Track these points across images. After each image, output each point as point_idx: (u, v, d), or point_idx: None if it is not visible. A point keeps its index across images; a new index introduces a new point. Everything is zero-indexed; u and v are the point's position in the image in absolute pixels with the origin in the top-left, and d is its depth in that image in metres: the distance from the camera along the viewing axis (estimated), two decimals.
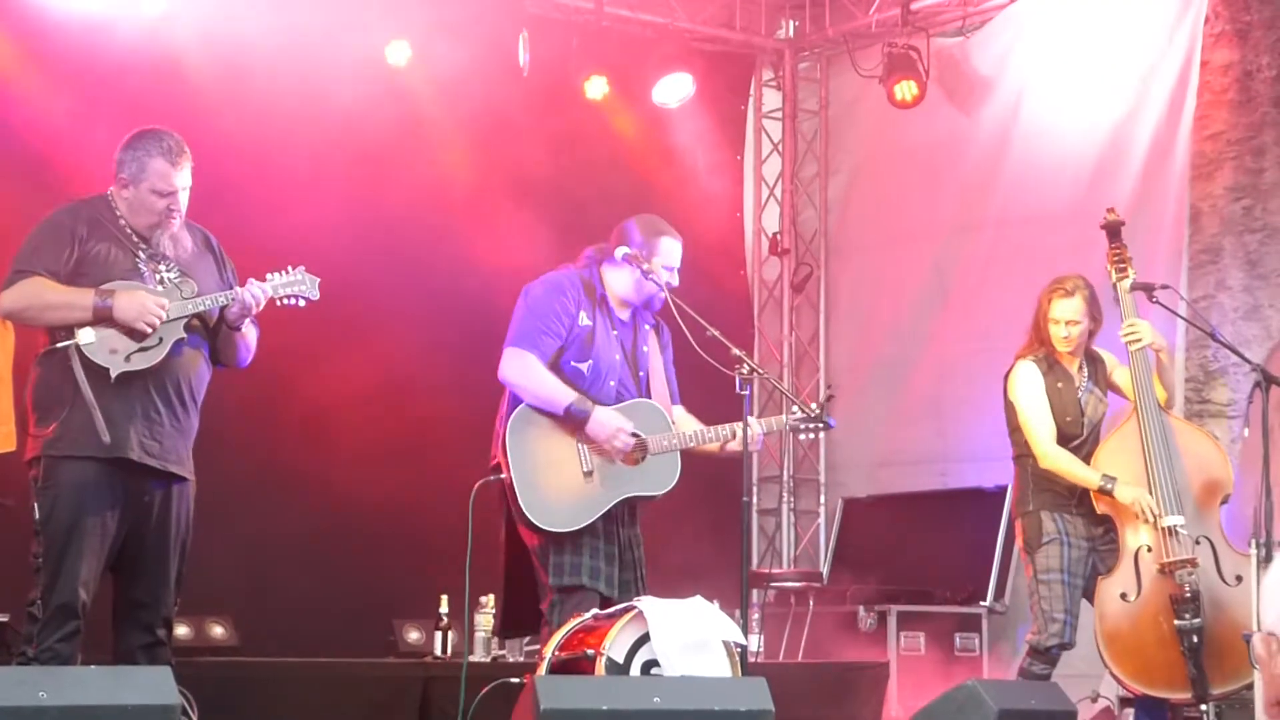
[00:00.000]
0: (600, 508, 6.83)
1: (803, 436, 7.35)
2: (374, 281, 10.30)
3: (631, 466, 6.89)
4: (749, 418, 6.79)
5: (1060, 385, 7.76)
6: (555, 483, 6.81)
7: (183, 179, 6.36)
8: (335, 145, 10.41)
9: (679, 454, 6.97)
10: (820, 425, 7.17)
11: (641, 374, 7.08)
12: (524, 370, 6.83)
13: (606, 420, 6.80)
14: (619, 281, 7.05)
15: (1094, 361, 7.92)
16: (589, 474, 6.84)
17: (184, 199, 6.39)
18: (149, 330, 6.18)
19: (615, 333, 7.04)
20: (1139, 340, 7.72)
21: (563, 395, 6.80)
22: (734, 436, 6.93)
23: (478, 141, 11.09)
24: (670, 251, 7.04)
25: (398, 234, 10.61)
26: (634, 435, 6.87)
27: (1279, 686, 2.83)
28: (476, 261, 10.50)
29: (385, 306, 10.39)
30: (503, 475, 6.80)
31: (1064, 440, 7.71)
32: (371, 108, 10.64)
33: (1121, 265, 7.90)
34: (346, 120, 10.46)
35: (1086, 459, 7.70)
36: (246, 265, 6.70)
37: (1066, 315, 7.76)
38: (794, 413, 7.14)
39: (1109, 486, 7.55)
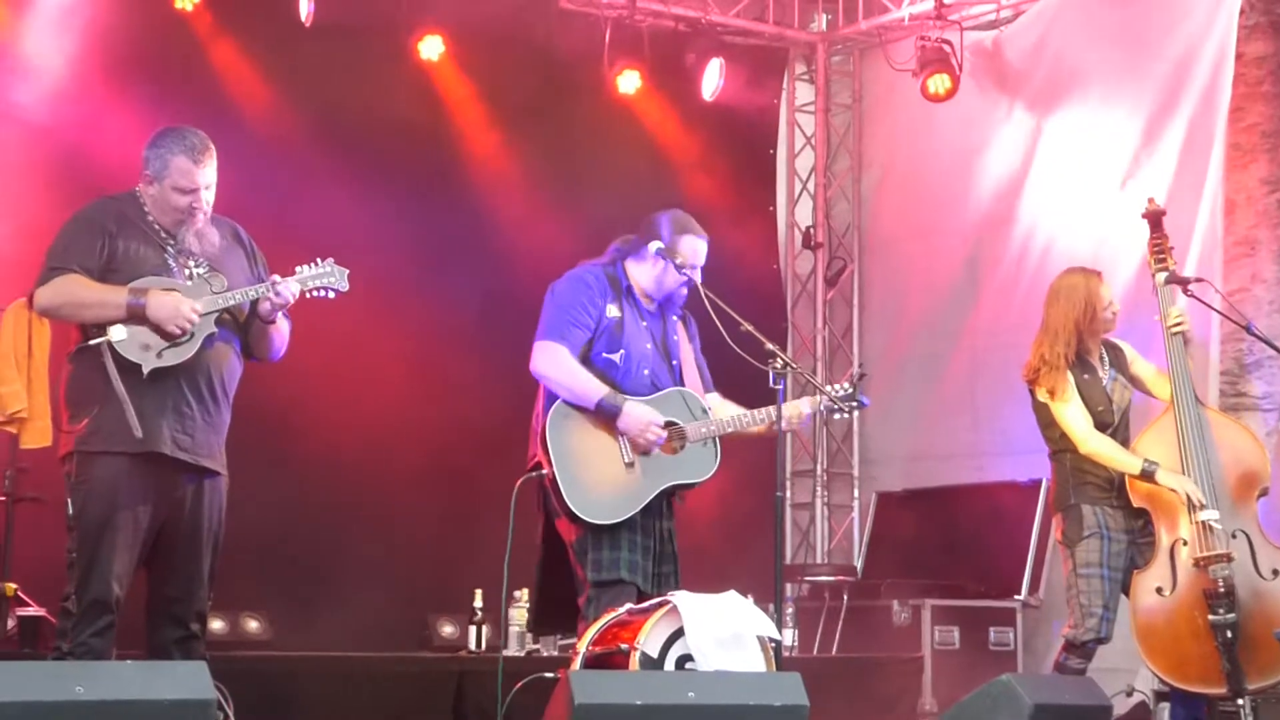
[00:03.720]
0: (643, 498, 6.82)
1: (837, 416, 7.29)
2: (408, 275, 10.32)
3: (671, 455, 6.89)
4: (784, 401, 6.78)
5: (1087, 377, 7.74)
6: (597, 476, 6.80)
7: (206, 176, 6.35)
8: (367, 139, 10.43)
9: (718, 441, 6.97)
10: (854, 404, 7.16)
11: (674, 363, 7.08)
12: (555, 363, 6.82)
13: (638, 415, 6.79)
14: (643, 275, 7.06)
15: (1113, 350, 7.90)
16: (630, 465, 6.83)
17: (208, 197, 6.38)
18: (179, 333, 6.20)
19: (644, 323, 7.03)
20: (1183, 325, 7.72)
21: (594, 390, 6.79)
22: (770, 418, 6.92)
23: (509, 137, 11.11)
24: (694, 250, 7.03)
25: (430, 228, 10.62)
26: (671, 423, 6.86)
27: None
28: (510, 257, 10.52)
29: (420, 300, 10.40)
30: (544, 472, 6.79)
31: (1098, 429, 7.69)
32: (403, 102, 10.66)
33: (1161, 256, 7.87)
34: (378, 114, 10.48)
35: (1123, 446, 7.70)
36: (276, 258, 6.71)
37: (1110, 295, 7.78)
38: (829, 391, 7.13)
39: (1151, 469, 7.52)
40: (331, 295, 6.60)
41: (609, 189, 10.94)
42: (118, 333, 6.13)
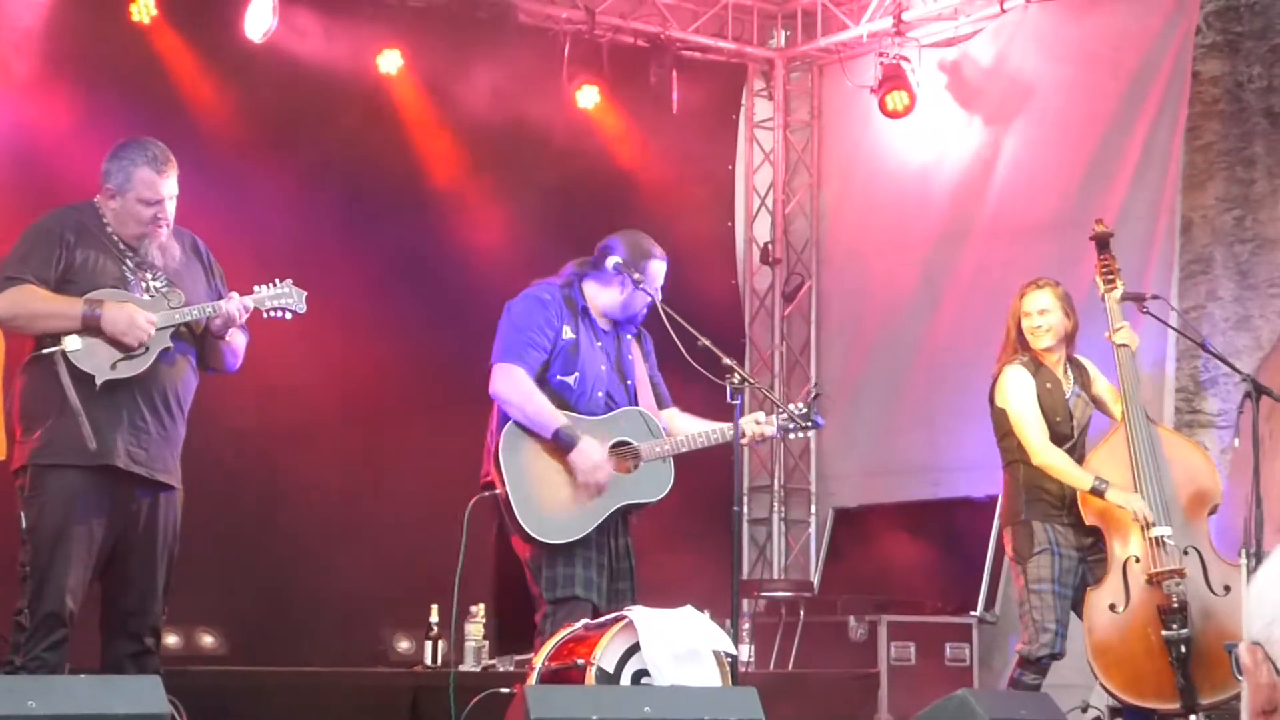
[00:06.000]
0: (597, 518, 6.80)
1: (792, 436, 7.30)
2: (366, 289, 10.30)
3: (626, 474, 6.87)
4: (740, 419, 6.78)
5: (1049, 385, 7.78)
6: (551, 495, 6.77)
7: (169, 188, 6.36)
8: (325, 152, 10.40)
9: (672, 460, 6.96)
10: (808, 424, 7.16)
11: (629, 382, 7.06)
12: (513, 386, 6.78)
13: (589, 454, 6.73)
14: (603, 296, 7.04)
15: (1078, 367, 7.94)
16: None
17: (171, 208, 6.39)
18: (135, 345, 6.18)
19: (599, 344, 7.01)
20: (1127, 340, 7.77)
21: (551, 418, 6.75)
22: (724, 437, 6.92)
23: (467, 151, 11.08)
24: (658, 274, 7.02)
25: (388, 245, 10.59)
26: (625, 443, 6.84)
27: (1264, 696, 2.81)
28: (468, 274, 10.50)
29: (377, 317, 10.38)
30: (497, 490, 6.77)
31: (1056, 441, 7.72)
32: (361, 115, 10.64)
33: (1110, 277, 7.92)
34: (337, 128, 10.45)
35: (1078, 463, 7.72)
36: (235, 272, 6.69)
37: (1037, 305, 7.81)
38: (781, 414, 7.12)
39: (1101, 487, 7.55)
40: (288, 316, 6.60)
41: (567, 203, 10.95)
42: (72, 343, 6.11)
